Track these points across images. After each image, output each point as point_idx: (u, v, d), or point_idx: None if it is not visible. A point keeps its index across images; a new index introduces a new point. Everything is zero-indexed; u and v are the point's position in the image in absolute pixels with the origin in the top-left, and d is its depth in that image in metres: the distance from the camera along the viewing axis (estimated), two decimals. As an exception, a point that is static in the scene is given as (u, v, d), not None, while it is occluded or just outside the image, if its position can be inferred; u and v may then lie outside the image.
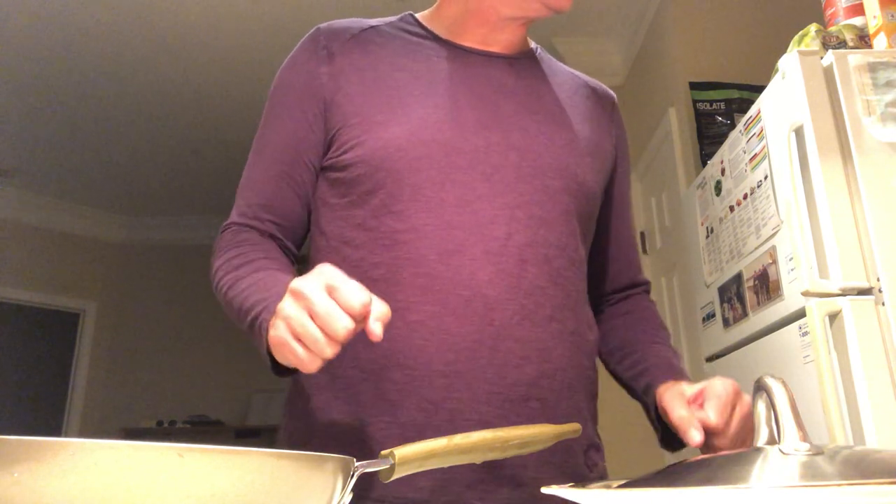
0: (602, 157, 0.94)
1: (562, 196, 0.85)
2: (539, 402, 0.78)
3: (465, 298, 0.77)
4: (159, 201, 5.20)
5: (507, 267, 0.79)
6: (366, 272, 0.79)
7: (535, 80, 0.93)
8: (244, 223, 0.85)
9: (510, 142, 0.85)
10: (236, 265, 0.78)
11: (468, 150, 0.82)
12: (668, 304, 2.80)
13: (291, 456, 0.33)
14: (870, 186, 1.36)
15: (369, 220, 0.81)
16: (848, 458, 0.38)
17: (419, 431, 0.74)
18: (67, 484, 0.28)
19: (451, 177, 0.81)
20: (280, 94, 0.88)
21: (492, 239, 0.80)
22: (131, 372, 5.20)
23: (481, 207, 0.80)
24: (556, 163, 0.86)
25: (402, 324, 0.77)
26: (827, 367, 1.29)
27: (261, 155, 0.87)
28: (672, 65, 2.71)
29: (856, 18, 1.62)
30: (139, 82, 3.71)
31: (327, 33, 0.89)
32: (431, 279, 0.78)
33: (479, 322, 0.77)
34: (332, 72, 0.86)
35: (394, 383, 0.76)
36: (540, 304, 0.80)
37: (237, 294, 0.74)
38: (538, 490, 0.78)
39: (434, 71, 0.87)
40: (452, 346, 0.76)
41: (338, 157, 0.83)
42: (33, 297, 4.92)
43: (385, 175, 0.80)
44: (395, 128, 0.81)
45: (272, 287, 0.69)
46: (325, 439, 0.78)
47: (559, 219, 0.84)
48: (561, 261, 0.84)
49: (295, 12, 3.16)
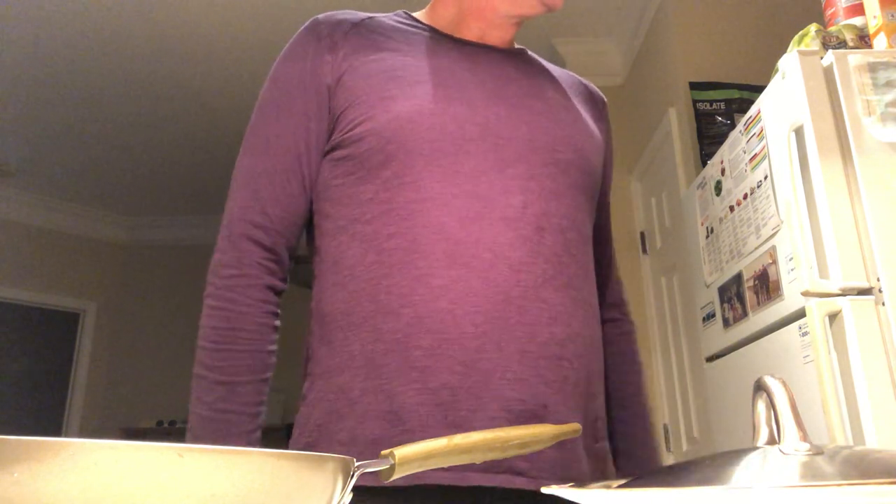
0: (598, 143, 0.96)
1: (571, 170, 0.86)
2: (568, 362, 0.79)
3: (489, 262, 0.77)
4: (159, 201, 5.20)
5: (527, 233, 0.80)
6: (380, 244, 0.79)
7: (534, 71, 0.95)
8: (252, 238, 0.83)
9: (519, 117, 0.86)
10: (217, 380, 0.79)
11: (479, 121, 0.83)
12: (669, 304, 2.80)
13: (291, 456, 0.33)
14: (870, 186, 1.36)
15: (381, 193, 0.80)
16: (848, 458, 0.38)
17: (453, 394, 0.74)
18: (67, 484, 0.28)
19: (464, 147, 0.81)
20: (282, 86, 0.87)
21: (508, 207, 0.80)
22: (131, 372, 5.20)
23: (496, 178, 0.81)
24: (564, 137, 0.87)
25: (426, 290, 0.76)
26: (827, 367, 1.29)
27: (267, 146, 0.86)
28: (672, 65, 2.71)
29: (856, 18, 1.62)
30: (139, 82, 3.71)
31: (327, 23, 0.89)
32: (454, 244, 0.77)
33: (506, 283, 0.77)
34: (335, 59, 0.86)
35: (422, 350, 0.75)
36: (559, 272, 0.81)
37: (201, 419, 0.78)
38: (577, 451, 0.78)
39: (437, 57, 0.88)
40: (480, 308, 0.76)
41: (345, 135, 0.83)
42: (33, 297, 4.92)
43: (397, 147, 0.80)
44: (404, 102, 0.82)
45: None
46: (346, 421, 0.77)
47: (568, 192, 0.85)
48: (572, 233, 0.85)
49: (295, 13, 3.16)
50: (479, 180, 0.80)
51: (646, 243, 3.05)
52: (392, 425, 0.74)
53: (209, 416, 0.77)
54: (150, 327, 5.32)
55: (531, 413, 0.75)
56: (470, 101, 0.84)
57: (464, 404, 0.74)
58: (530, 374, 0.76)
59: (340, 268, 0.82)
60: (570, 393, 0.78)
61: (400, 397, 0.74)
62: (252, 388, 0.80)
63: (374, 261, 0.79)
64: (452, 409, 0.74)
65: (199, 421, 0.78)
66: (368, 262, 0.79)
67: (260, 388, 0.80)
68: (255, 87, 3.70)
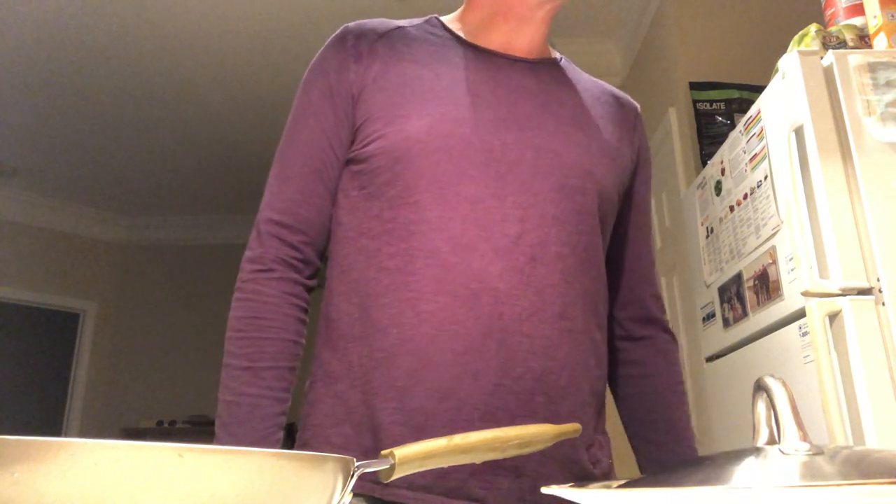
0: (621, 161, 0.94)
1: (577, 195, 0.86)
2: (544, 397, 0.79)
3: (474, 292, 0.78)
4: (159, 201, 5.20)
5: (517, 264, 0.80)
6: (381, 262, 0.81)
7: (556, 84, 0.94)
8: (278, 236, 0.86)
9: (528, 140, 0.86)
10: (241, 366, 0.81)
11: (485, 147, 0.83)
12: (669, 304, 2.80)
13: (291, 456, 0.33)
14: (870, 186, 1.36)
15: (386, 212, 0.82)
16: (848, 458, 0.38)
17: (426, 417, 0.76)
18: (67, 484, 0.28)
19: (468, 172, 0.82)
20: (310, 92, 0.90)
21: (502, 236, 0.81)
22: (131, 372, 5.20)
23: (494, 206, 0.82)
24: (572, 161, 0.87)
25: (414, 313, 0.78)
26: (827, 367, 1.29)
27: (295, 150, 0.89)
28: (672, 65, 2.71)
29: (856, 18, 1.62)
30: (139, 82, 3.71)
31: (355, 32, 0.91)
32: (444, 270, 0.79)
33: (489, 316, 0.78)
34: (359, 69, 0.88)
35: (403, 370, 0.77)
36: (549, 302, 0.81)
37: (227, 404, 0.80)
38: (539, 482, 0.78)
39: (456, 70, 0.89)
40: (461, 338, 0.77)
41: (361, 149, 0.85)
42: (33, 297, 4.92)
43: (403, 167, 0.82)
44: (416, 121, 0.83)
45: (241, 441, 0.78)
46: (343, 427, 0.80)
47: (573, 218, 0.85)
48: (573, 259, 0.84)
49: (295, 13, 3.16)
50: (477, 206, 0.81)
51: (646, 243, 3.05)
52: (375, 440, 0.78)
53: (234, 400, 0.79)
54: (149, 327, 5.32)
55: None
56: (480, 124, 0.84)
57: (434, 430, 0.76)
58: (499, 408, 0.77)
59: (347, 278, 0.85)
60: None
61: (380, 414, 0.77)
62: (276, 373, 0.81)
63: (374, 277, 0.82)
64: (423, 433, 0.76)
65: (226, 407, 0.79)
66: (369, 278, 0.82)
67: (284, 374, 0.82)
68: (255, 88, 3.70)
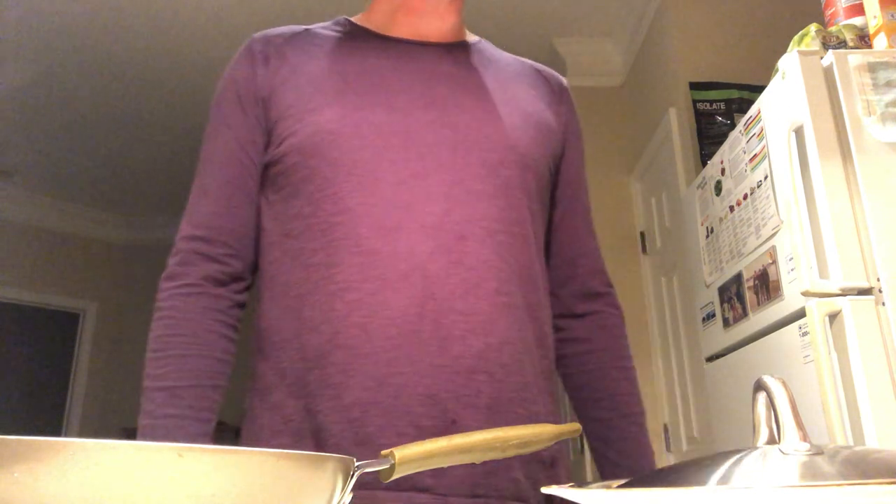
0: (547, 132, 0.92)
1: (502, 169, 0.84)
2: (486, 376, 0.76)
3: (403, 272, 0.76)
4: (159, 201, 5.20)
5: (447, 242, 0.78)
6: (306, 260, 0.79)
7: (474, 64, 0.92)
8: (198, 252, 0.84)
9: (446, 119, 0.84)
10: (158, 387, 0.78)
11: (401, 129, 0.82)
12: (669, 305, 2.80)
13: (291, 456, 0.33)
14: (870, 186, 1.36)
15: (306, 208, 0.80)
16: (848, 458, 0.38)
17: (364, 410, 0.73)
18: (67, 484, 0.28)
19: (386, 156, 0.80)
20: (221, 103, 0.89)
21: (427, 215, 0.79)
22: (131, 372, 5.20)
23: (416, 185, 0.80)
24: (494, 136, 0.85)
25: (342, 304, 0.76)
26: (827, 367, 1.29)
27: (210, 163, 0.87)
28: (672, 65, 2.71)
29: (856, 18, 1.62)
30: (139, 82, 3.71)
31: (262, 39, 0.90)
32: (369, 256, 0.77)
33: (421, 296, 0.76)
34: (267, 73, 0.87)
35: (337, 366, 0.75)
36: (484, 278, 0.79)
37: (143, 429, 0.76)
38: (490, 465, 0.75)
39: (367, 60, 0.88)
40: (394, 322, 0.75)
41: (275, 150, 0.84)
42: (33, 297, 4.92)
43: (318, 160, 0.80)
44: (327, 113, 0.81)
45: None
46: (281, 437, 0.77)
47: (501, 192, 0.83)
48: (505, 235, 0.82)
49: (295, 17, 3.16)
50: (399, 189, 0.79)
51: (646, 243, 3.05)
52: (317, 442, 0.75)
53: (150, 423, 0.75)
54: (150, 327, 5.31)
55: (439, 429, 0.73)
56: (393, 107, 0.83)
57: (373, 420, 0.73)
58: (440, 390, 0.74)
59: (275, 283, 0.82)
60: (484, 406, 0.76)
61: (319, 415, 0.74)
62: (197, 392, 0.77)
63: (301, 277, 0.79)
64: (362, 426, 0.73)
65: (142, 432, 0.76)
66: (296, 279, 0.80)
67: (207, 393, 0.78)
68: (255, 87, 3.70)
